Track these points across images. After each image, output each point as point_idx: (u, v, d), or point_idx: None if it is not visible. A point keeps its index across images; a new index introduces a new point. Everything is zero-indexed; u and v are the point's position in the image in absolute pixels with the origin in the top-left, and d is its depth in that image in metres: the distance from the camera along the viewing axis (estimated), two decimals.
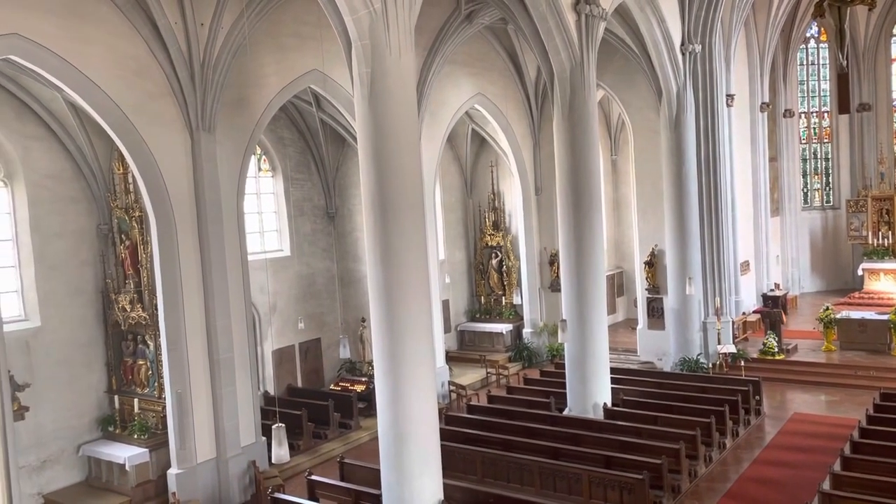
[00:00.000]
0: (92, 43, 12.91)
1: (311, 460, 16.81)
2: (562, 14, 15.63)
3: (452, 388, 21.00)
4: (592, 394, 16.44)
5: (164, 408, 14.83)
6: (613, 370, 17.85)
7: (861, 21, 30.04)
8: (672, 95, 21.04)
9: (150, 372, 15.48)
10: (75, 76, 12.71)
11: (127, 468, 14.84)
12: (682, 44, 21.12)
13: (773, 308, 24.12)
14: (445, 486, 11.43)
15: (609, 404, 16.59)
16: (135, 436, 15.29)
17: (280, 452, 9.79)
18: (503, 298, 25.91)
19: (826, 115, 32.41)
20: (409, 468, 10.78)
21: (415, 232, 10.79)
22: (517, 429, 15.77)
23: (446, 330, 23.92)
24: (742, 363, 20.82)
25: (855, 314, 22.70)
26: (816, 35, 31.90)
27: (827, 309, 22.48)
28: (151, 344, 15.33)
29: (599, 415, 16.26)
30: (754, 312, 25.01)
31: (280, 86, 16.07)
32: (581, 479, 13.27)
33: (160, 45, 13.77)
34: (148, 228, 14.63)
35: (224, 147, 14.93)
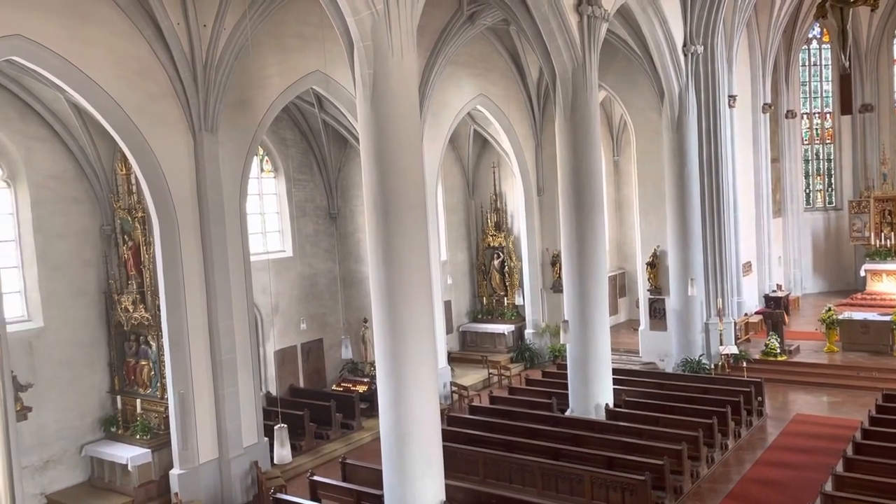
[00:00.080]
0: (94, 44, 12.92)
1: (313, 461, 16.81)
2: (564, 15, 15.64)
3: (454, 389, 20.98)
4: (594, 395, 16.44)
5: (167, 408, 14.85)
6: (615, 371, 17.84)
7: (863, 22, 30.01)
8: (674, 96, 21.04)
9: (153, 372, 15.49)
10: (78, 77, 12.72)
11: (129, 468, 14.86)
12: (684, 45, 21.12)
13: (776, 309, 24.07)
14: (447, 487, 11.43)
15: (611, 405, 16.59)
16: (137, 436, 15.31)
17: (282, 453, 9.80)
18: (505, 299, 25.90)
19: (828, 116, 32.39)
20: (411, 469, 10.79)
21: (417, 233, 10.80)
22: (519, 429, 15.77)
23: (448, 331, 23.91)
24: (744, 364, 20.84)
25: (857, 315, 22.65)
26: (819, 36, 31.88)
27: (829, 310, 22.44)
28: (154, 344, 15.34)
29: (601, 416, 16.26)
30: (756, 313, 24.98)
31: (282, 87, 16.08)
32: (583, 480, 13.27)
33: (163, 46, 13.78)
34: (150, 229, 14.65)
35: (226, 148, 14.94)
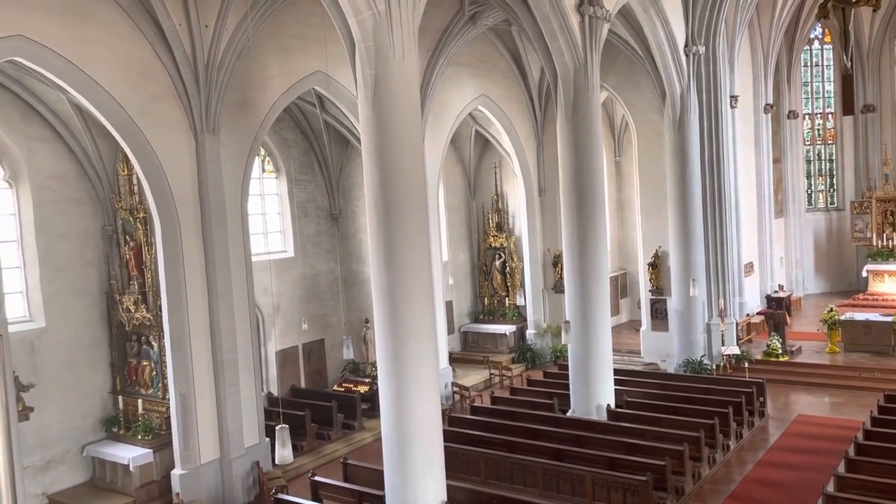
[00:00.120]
0: (96, 44, 12.93)
1: (315, 461, 16.81)
2: (565, 15, 15.63)
3: (456, 390, 20.97)
4: (596, 395, 16.43)
5: (168, 408, 14.85)
6: (617, 371, 17.82)
7: (865, 22, 29.96)
8: (676, 97, 21.02)
9: (154, 373, 15.50)
10: (80, 78, 12.73)
11: (131, 469, 14.87)
12: (686, 45, 21.10)
13: (777, 309, 24.06)
14: (449, 488, 11.44)
15: (612, 406, 16.58)
16: (139, 436, 15.31)
17: (283, 453, 9.80)
18: (506, 300, 25.89)
19: (830, 117, 32.35)
20: (413, 469, 10.80)
21: (418, 233, 10.81)
22: (520, 430, 15.76)
23: (450, 331, 23.91)
24: (746, 365, 20.82)
25: (859, 316, 22.63)
26: (820, 36, 31.85)
27: (831, 310, 22.40)
28: (155, 345, 15.35)
29: (603, 416, 16.25)
30: (758, 314, 24.95)
31: (284, 87, 16.08)
32: (584, 481, 13.26)
33: (164, 47, 13.79)
34: (152, 230, 14.67)
35: (228, 148, 14.94)
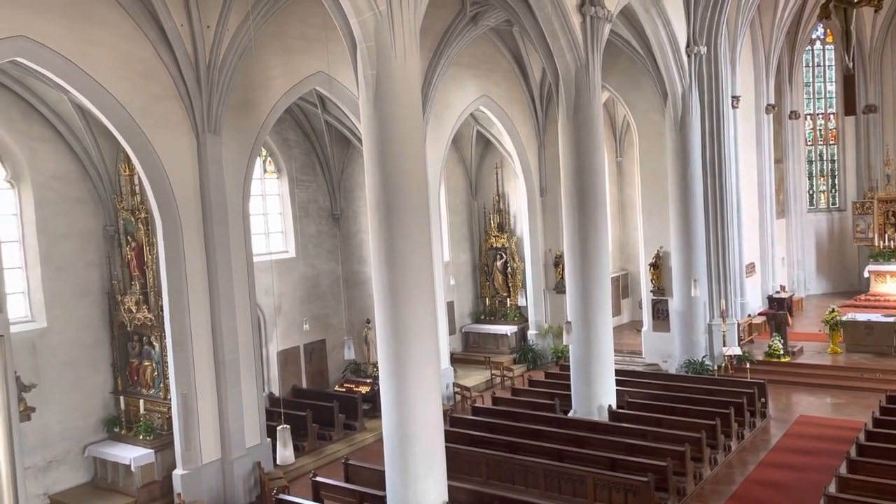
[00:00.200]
0: (98, 45, 12.94)
1: (316, 462, 16.82)
2: (567, 16, 15.62)
3: (457, 390, 20.97)
4: (597, 396, 16.43)
5: (170, 409, 14.86)
6: (618, 372, 17.80)
7: (867, 23, 29.93)
8: (677, 97, 21.01)
9: (156, 373, 15.51)
10: (81, 78, 12.74)
11: (132, 469, 14.88)
12: (688, 45, 21.09)
13: (779, 310, 24.06)
14: (450, 488, 11.44)
15: (614, 406, 16.57)
16: (140, 437, 15.32)
17: (285, 454, 9.80)
18: (508, 300, 25.88)
19: (832, 117, 32.32)
20: (414, 470, 10.80)
21: (420, 234, 10.81)
22: (522, 431, 15.76)
23: (451, 332, 23.92)
24: (747, 365, 20.81)
25: (861, 316, 22.60)
26: (822, 37, 31.81)
27: (833, 311, 22.37)
28: (157, 345, 15.36)
29: (604, 417, 16.25)
30: (760, 314, 24.93)
31: (285, 88, 16.09)
32: (586, 482, 13.26)
33: (166, 48, 13.79)
34: (154, 230, 14.68)
35: (230, 149, 14.95)
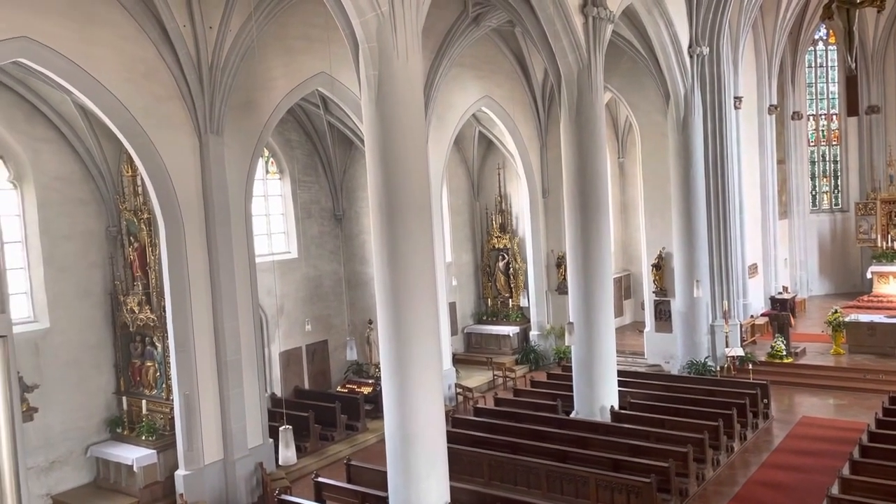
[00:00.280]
0: (100, 46, 12.95)
1: (318, 462, 16.82)
2: (569, 16, 15.61)
3: (459, 391, 20.96)
4: (599, 397, 16.41)
5: (172, 409, 14.87)
6: (620, 373, 17.78)
7: (870, 23, 29.87)
8: (679, 98, 20.99)
9: (158, 373, 15.52)
10: (84, 79, 12.76)
11: (135, 469, 14.89)
12: (690, 46, 21.07)
13: (782, 311, 24.03)
14: (452, 489, 11.43)
15: (616, 407, 16.55)
16: (143, 437, 15.33)
17: (287, 454, 9.80)
18: (510, 301, 25.85)
19: (835, 118, 32.27)
20: (416, 470, 10.79)
21: (422, 234, 10.80)
22: (524, 431, 15.74)
23: (453, 332, 23.91)
24: (750, 366, 20.77)
25: (864, 317, 22.57)
26: (825, 37, 31.78)
27: (835, 312, 22.35)
28: (159, 345, 15.37)
29: (606, 418, 16.23)
30: (762, 315, 24.91)
31: (288, 88, 16.10)
32: (588, 483, 13.24)
33: (169, 48, 13.81)
34: (156, 230, 14.69)
35: (232, 149, 14.96)
